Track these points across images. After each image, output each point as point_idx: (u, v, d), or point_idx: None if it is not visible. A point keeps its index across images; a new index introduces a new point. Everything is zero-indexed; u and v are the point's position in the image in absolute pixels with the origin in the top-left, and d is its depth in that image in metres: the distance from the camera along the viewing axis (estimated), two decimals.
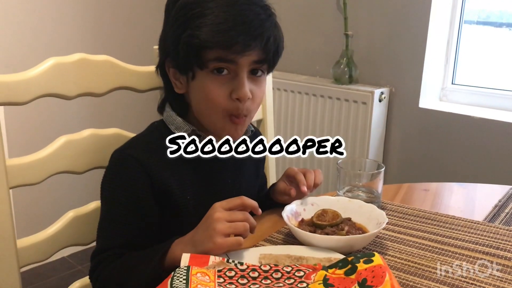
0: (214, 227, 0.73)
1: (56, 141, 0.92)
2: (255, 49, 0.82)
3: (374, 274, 0.65)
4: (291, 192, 0.93)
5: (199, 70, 0.83)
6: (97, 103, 2.05)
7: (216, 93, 0.83)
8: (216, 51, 0.80)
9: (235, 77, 0.83)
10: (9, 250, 0.85)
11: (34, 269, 1.98)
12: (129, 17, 2.32)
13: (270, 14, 0.85)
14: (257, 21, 0.81)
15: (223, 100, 0.84)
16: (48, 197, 2.14)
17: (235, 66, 0.82)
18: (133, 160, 0.84)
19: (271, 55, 0.85)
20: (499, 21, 2.05)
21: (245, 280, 0.69)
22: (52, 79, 0.88)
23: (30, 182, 0.88)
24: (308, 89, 2.09)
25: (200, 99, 0.86)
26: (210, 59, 0.81)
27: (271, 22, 0.84)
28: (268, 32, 0.83)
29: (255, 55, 0.82)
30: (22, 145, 1.90)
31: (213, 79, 0.83)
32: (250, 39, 0.80)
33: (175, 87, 0.89)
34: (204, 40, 0.79)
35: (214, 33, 0.79)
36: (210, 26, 0.79)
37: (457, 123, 1.87)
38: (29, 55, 1.99)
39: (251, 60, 0.83)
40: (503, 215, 0.99)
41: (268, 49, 0.83)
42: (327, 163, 2.08)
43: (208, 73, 0.83)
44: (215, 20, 0.79)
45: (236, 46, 0.80)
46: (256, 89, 0.86)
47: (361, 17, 2.02)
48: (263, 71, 0.87)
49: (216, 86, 0.83)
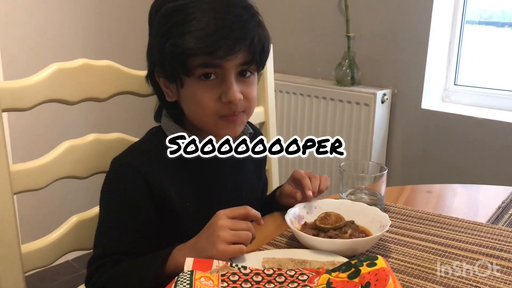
0: (218, 234, 0.74)
1: (60, 146, 0.92)
2: (240, 51, 0.81)
3: (377, 277, 0.65)
4: (297, 195, 0.93)
5: (186, 78, 0.83)
6: (100, 108, 2.06)
7: (205, 98, 0.83)
8: (200, 58, 0.80)
9: (223, 81, 0.83)
10: (13, 255, 0.86)
11: (39, 273, 1.98)
12: (131, 22, 2.32)
13: (253, 14, 0.84)
14: (239, 23, 0.81)
15: (213, 104, 0.83)
16: (51, 202, 2.15)
17: (222, 70, 0.82)
18: (131, 169, 0.84)
19: (258, 55, 0.84)
20: (501, 21, 2.05)
21: (248, 284, 0.69)
22: (55, 84, 0.89)
23: (34, 188, 0.88)
24: (310, 91, 2.09)
25: (190, 106, 0.86)
26: (195, 66, 0.81)
27: (254, 22, 0.83)
28: (251, 32, 0.82)
29: (240, 57, 0.82)
30: (26, 150, 1.91)
31: (201, 85, 0.83)
32: (233, 42, 0.80)
33: (166, 96, 0.89)
34: (187, 48, 0.79)
35: (196, 40, 0.79)
36: (193, 33, 0.79)
37: (459, 124, 1.87)
38: (32, 60, 2.00)
39: (237, 63, 0.82)
40: (506, 217, 0.99)
41: (253, 50, 0.83)
42: (330, 165, 2.08)
43: (195, 80, 0.83)
44: (197, 26, 0.79)
45: (220, 50, 0.79)
46: (246, 89, 0.85)
47: (362, 18, 2.02)
48: (251, 72, 0.86)
49: (205, 92, 0.83)
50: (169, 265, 0.75)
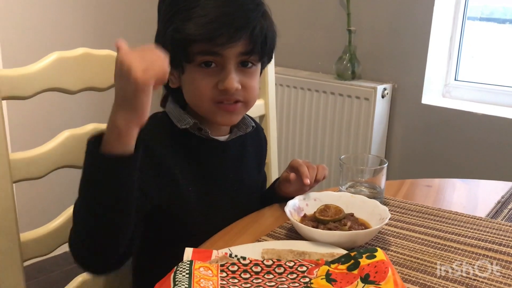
0: (128, 66, 0.63)
1: (59, 136, 0.92)
2: (240, 40, 0.81)
3: (376, 269, 0.65)
4: (290, 176, 0.93)
5: (187, 64, 0.84)
6: (100, 97, 2.04)
7: (202, 84, 0.83)
8: (200, 45, 0.80)
9: (223, 70, 0.83)
10: (12, 244, 0.85)
11: (37, 263, 1.98)
12: (132, 12, 2.31)
13: (258, 3, 0.84)
14: (241, 11, 0.80)
15: (209, 91, 0.83)
16: (51, 191, 2.15)
17: (221, 58, 0.82)
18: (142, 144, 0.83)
19: (259, 45, 0.83)
20: (502, 18, 2.05)
21: (247, 274, 0.69)
22: (55, 73, 0.88)
23: (33, 176, 0.88)
24: (310, 85, 2.08)
25: (189, 91, 0.87)
26: (195, 53, 0.81)
27: (258, 12, 0.83)
28: (253, 22, 0.81)
29: (241, 46, 0.81)
30: (25, 139, 1.90)
31: (201, 72, 0.83)
32: (234, 30, 0.79)
33: (170, 82, 0.89)
34: (187, 34, 0.79)
35: (197, 26, 0.79)
36: (194, 19, 0.79)
37: (460, 119, 1.87)
38: (32, 49, 1.99)
39: (237, 52, 0.82)
40: (506, 211, 0.99)
41: (254, 40, 0.82)
42: (330, 158, 2.08)
43: (196, 67, 0.83)
44: (200, 12, 0.79)
45: (220, 38, 0.79)
46: (246, 80, 0.85)
47: (364, 12, 2.01)
48: (253, 63, 0.86)
49: (203, 78, 0.83)
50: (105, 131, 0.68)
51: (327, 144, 2.09)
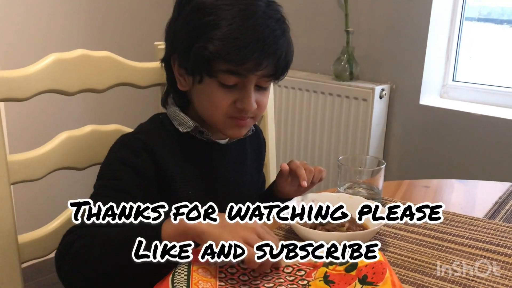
0: (243, 231, 0.66)
1: (57, 137, 0.92)
2: (267, 66, 0.81)
3: (374, 270, 0.65)
4: (282, 166, 0.95)
5: (207, 78, 0.83)
6: (98, 99, 2.05)
7: (219, 99, 0.83)
8: (227, 65, 0.80)
9: (242, 89, 0.83)
10: (10, 246, 0.85)
11: (35, 265, 1.97)
12: (130, 13, 2.31)
13: (285, 29, 0.84)
14: (272, 38, 0.80)
15: (226, 107, 0.84)
16: (49, 193, 2.15)
17: (244, 79, 0.82)
18: (141, 143, 0.83)
19: (281, 70, 0.85)
20: (500, 18, 2.05)
21: (246, 277, 0.69)
22: (53, 75, 0.88)
23: (31, 178, 0.88)
24: (308, 86, 2.09)
25: (203, 101, 0.86)
26: (220, 70, 0.81)
27: (285, 38, 0.83)
28: (281, 49, 0.82)
29: (265, 70, 0.82)
30: (23, 141, 1.90)
31: (220, 87, 0.83)
32: (263, 57, 0.80)
33: (178, 84, 0.88)
34: (216, 52, 0.78)
35: (228, 48, 0.78)
36: (224, 40, 0.78)
37: (457, 120, 1.87)
38: (30, 51, 1.99)
39: (260, 74, 0.82)
40: (503, 212, 0.99)
41: (278, 66, 0.83)
42: (328, 159, 2.08)
43: (216, 81, 0.82)
44: (231, 34, 0.78)
45: (249, 63, 0.79)
46: (261, 98, 0.86)
47: (362, 13, 2.01)
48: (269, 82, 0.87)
49: (222, 94, 0.83)
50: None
51: (325, 145, 2.09)
